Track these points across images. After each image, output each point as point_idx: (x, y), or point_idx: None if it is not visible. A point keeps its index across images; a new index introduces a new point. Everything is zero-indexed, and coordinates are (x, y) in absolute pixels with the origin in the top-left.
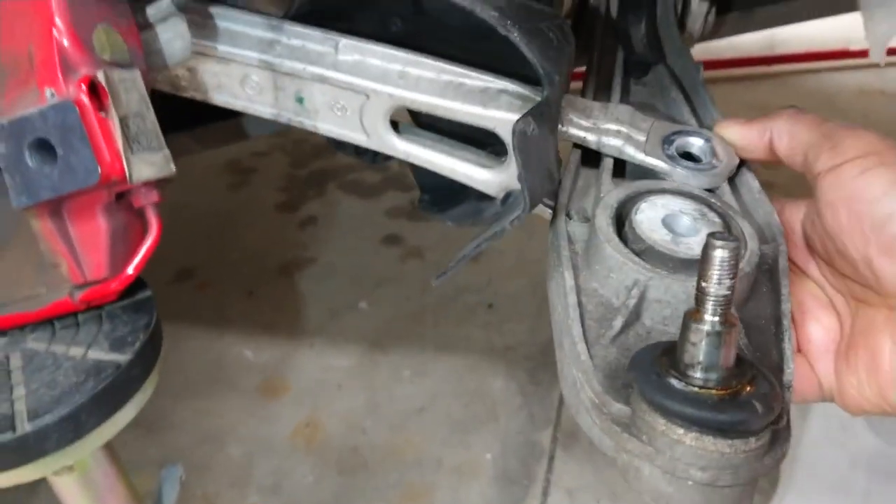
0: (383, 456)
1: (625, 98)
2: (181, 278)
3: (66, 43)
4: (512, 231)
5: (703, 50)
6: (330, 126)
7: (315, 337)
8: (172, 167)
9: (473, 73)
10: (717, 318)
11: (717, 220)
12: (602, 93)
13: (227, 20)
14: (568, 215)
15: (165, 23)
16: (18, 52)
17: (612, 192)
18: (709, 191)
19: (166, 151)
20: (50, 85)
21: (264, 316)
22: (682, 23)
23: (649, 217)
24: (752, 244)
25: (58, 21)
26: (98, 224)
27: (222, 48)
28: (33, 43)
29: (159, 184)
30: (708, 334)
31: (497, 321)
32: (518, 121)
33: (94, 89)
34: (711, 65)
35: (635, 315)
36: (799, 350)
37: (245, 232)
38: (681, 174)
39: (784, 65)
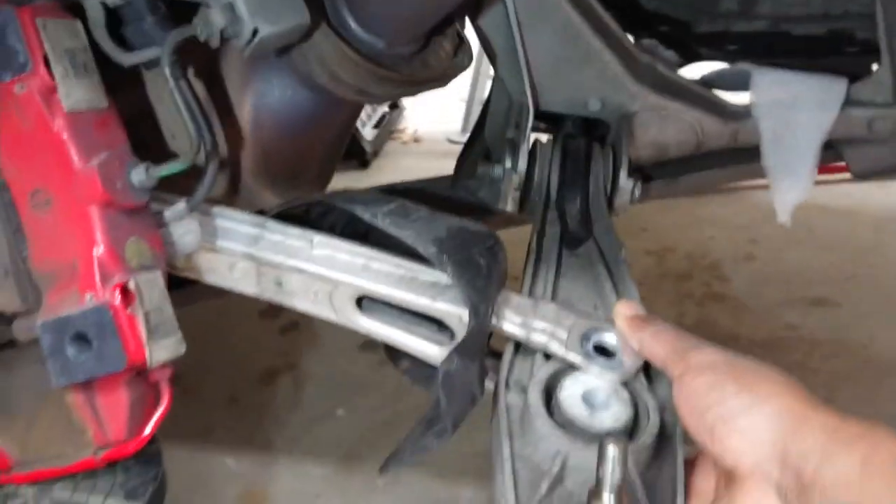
0: None
1: (559, 269)
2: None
3: (105, 258)
4: None
5: None
6: (304, 305)
7: (294, 445)
8: (183, 347)
9: (426, 269)
10: (613, 500)
11: (626, 395)
12: (541, 264)
13: (220, 218)
14: (507, 386)
15: (180, 222)
16: (64, 262)
17: (543, 368)
18: None
19: (179, 334)
20: (90, 290)
21: (246, 424)
22: (611, 199)
23: (571, 393)
24: (654, 416)
25: (99, 242)
26: (120, 396)
27: (215, 242)
28: (77, 257)
29: None
30: None
31: (466, 428)
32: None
33: (124, 291)
34: None
35: (559, 479)
36: None
37: (229, 338)
38: (595, 371)
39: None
